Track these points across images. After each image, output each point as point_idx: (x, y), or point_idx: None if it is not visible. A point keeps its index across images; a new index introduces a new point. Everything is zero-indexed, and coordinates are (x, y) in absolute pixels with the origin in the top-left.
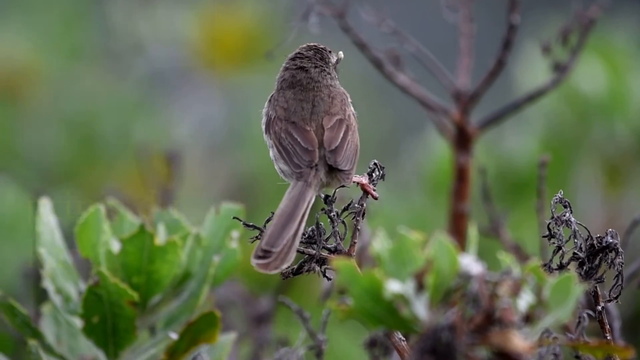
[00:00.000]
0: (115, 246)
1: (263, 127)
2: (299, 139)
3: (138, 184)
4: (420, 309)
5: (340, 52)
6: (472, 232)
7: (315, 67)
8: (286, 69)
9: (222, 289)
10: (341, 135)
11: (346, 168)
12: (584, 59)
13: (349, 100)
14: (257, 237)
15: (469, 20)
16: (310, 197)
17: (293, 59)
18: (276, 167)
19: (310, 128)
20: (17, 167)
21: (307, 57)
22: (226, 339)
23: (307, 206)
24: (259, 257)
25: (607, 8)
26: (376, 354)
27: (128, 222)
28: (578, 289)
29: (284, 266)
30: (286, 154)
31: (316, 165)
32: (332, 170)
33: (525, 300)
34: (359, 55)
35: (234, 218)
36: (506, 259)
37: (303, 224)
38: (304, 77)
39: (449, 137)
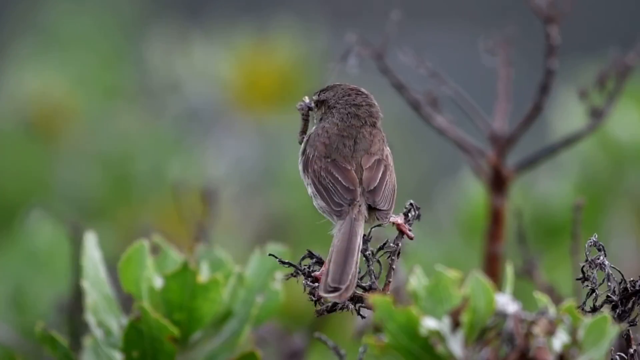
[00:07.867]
0: (158, 282)
1: (300, 166)
2: (339, 178)
3: (172, 220)
4: (456, 346)
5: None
6: (509, 271)
7: (368, 104)
8: (346, 102)
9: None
10: (379, 175)
11: (385, 208)
12: (620, 105)
13: (386, 140)
14: (292, 274)
15: (507, 65)
16: (361, 231)
17: (349, 95)
18: (315, 204)
19: (351, 167)
20: (53, 202)
21: (363, 94)
22: None
23: (360, 240)
24: (329, 292)
25: None
26: None
27: (171, 258)
28: (613, 330)
29: (349, 294)
30: (326, 192)
31: (358, 201)
32: (371, 210)
33: (560, 340)
34: (396, 96)
35: (269, 255)
36: (542, 298)
37: (358, 256)
38: (358, 113)
39: (484, 179)
